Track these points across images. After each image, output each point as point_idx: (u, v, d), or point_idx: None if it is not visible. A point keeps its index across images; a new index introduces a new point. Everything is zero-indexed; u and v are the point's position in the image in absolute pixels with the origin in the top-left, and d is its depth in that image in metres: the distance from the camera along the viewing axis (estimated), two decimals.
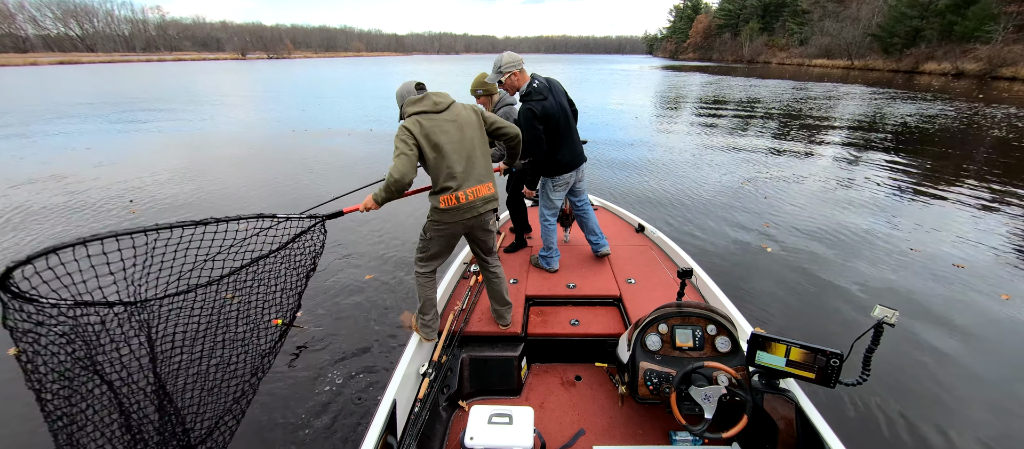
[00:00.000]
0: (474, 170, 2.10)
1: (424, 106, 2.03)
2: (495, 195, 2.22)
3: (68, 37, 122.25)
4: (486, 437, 1.77)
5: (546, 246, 3.12)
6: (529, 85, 2.71)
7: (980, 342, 3.26)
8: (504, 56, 2.72)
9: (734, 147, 10.15)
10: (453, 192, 2.05)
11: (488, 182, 2.17)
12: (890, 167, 8.32)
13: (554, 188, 2.97)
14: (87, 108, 17.37)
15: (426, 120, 2.01)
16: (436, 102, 2.05)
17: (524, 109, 2.68)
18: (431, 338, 2.35)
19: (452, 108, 2.09)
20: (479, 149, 2.14)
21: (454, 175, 2.04)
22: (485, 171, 2.16)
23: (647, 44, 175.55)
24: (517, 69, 2.71)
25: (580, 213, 3.26)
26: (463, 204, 2.08)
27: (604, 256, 3.29)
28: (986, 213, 5.84)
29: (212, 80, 35.60)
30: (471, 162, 2.09)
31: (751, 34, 79.59)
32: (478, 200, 2.12)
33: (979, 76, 33.50)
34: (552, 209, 3.06)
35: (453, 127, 2.05)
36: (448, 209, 2.07)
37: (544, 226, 3.09)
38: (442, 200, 2.06)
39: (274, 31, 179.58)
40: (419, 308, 2.34)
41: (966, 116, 14.69)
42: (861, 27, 52.07)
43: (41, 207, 6.16)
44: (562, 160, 2.85)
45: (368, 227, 5.41)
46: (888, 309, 1.59)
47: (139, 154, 9.61)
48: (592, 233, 3.25)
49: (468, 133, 2.10)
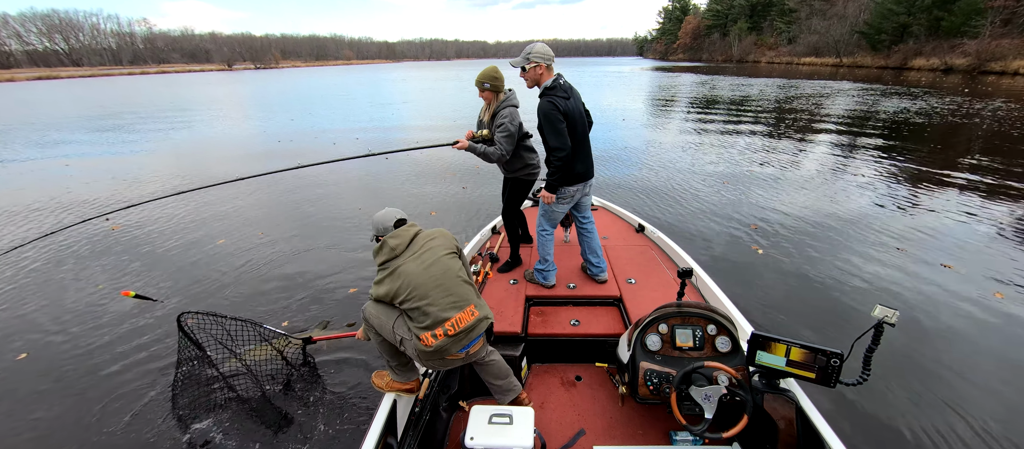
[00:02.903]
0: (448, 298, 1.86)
1: (383, 255, 1.88)
2: (484, 316, 1.94)
3: (53, 52, 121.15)
4: (486, 437, 1.76)
5: (543, 259, 2.94)
6: (554, 81, 2.56)
7: (976, 342, 3.27)
8: (537, 45, 2.55)
9: (723, 146, 10.22)
10: (429, 330, 1.82)
11: (468, 306, 1.89)
12: (879, 164, 8.40)
13: (559, 200, 2.75)
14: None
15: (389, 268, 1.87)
16: (393, 247, 1.87)
17: (546, 102, 2.50)
18: (411, 380, 2.09)
19: (415, 241, 1.91)
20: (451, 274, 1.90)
21: (426, 312, 1.81)
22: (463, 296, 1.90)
23: (637, 46, 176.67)
24: (546, 63, 2.54)
25: (583, 231, 3.01)
26: (445, 340, 1.83)
27: (602, 283, 3.04)
28: (975, 210, 5.89)
29: (172, 93, 35.07)
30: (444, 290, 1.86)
31: (740, 34, 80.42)
32: (462, 331, 1.85)
33: (968, 71, 33.76)
34: (553, 222, 2.88)
35: (415, 264, 1.85)
36: (432, 349, 1.83)
37: (542, 238, 2.90)
38: (423, 339, 1.83)
39: (264, 41, 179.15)
40: (385, 361, 2.08)
41: (953, 111, 14.88)
42: (848, 24, 52.76)
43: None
44: (574, 170, 2.66)
45: (365, 236, 5.39)
46: (888, 309, 1.59)
47: (115, 171, 9.51)
48: (594, 254, 3.00)
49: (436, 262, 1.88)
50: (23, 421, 2.74)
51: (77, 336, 3.57)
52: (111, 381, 3.04)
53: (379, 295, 1.89)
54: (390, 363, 2.06)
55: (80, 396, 2.92)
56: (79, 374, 3.13)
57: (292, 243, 5.30)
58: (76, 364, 3.23)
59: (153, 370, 3.12)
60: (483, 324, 1.93)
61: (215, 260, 4.88)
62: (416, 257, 1.87)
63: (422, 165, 8.86)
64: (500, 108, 2.83)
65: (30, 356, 3.36)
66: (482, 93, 2.86)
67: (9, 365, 3.26)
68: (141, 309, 3.88)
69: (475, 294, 1.97)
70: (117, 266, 4.79)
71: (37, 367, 3.23)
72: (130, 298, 2.39)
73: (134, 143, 12.60)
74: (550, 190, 2.65)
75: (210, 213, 6.38)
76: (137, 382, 3.02)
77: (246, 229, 5.75)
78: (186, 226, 5.90)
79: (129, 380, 3.04)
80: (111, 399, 2.88)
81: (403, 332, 1.90)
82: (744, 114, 15.53)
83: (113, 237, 5.57)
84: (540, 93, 2.58)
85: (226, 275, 4.52)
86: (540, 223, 2.91)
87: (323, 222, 5.99)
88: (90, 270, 4.72)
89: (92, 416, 2.75)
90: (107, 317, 3.81)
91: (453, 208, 6.39)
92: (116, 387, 2.98)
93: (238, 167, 9.36)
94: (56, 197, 7.29)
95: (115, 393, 2.93)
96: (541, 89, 2.58)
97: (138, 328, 3.63)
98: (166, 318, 3.74)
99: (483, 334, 1.97)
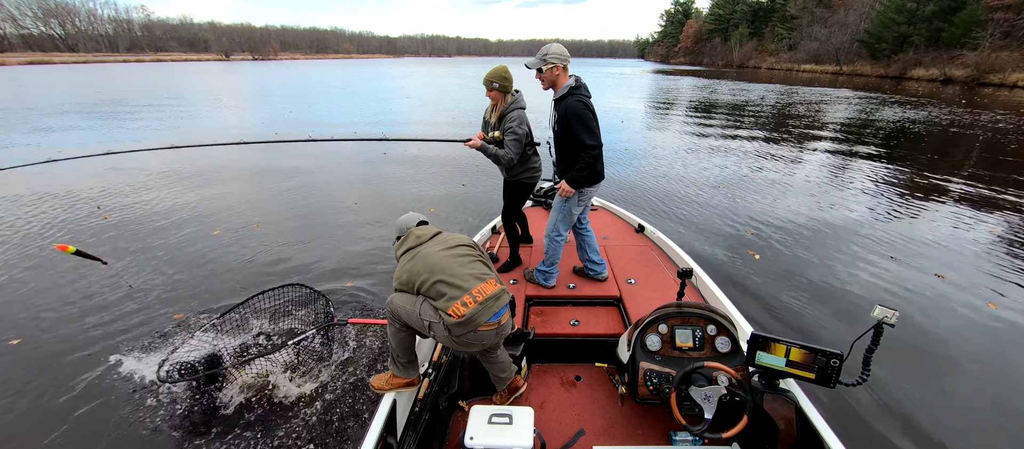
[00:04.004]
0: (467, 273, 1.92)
1: (408, 243, 2.02)
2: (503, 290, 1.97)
3: (49, 37, 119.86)
4: (486, 437, 1.76)
5: (550, 262, 2.90)
6: (577, 80, 2.55)
7: (975, 348, 3.31)
8: (554, 46, 2.52)
9: (724, 149, 10.25)
10: (456, 300, 1.83)
11: (490, 279, 1.94)
12: (876, 172, 8.45)
13: (580, 202, 2.74)
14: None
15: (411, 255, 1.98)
16: (418, 236, 2.02)
17: (577, 101, 2.48)
18: (413, 374, 2.10)
19: (438, 236, 2.05)
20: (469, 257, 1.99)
21: (450, 284, 1.86)
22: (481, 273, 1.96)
23: (639, 48, 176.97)
24: (563, 64, 2.52)
25: (582, 231, 3.02)
26: (475, 306, 1.84)
27: (603, 281, 3.06)
28: (968, 221, 5.93)
29: (168, 85, 34.85)
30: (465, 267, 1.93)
31: (741, 39, 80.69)
32: (489, 297, 1.87)
33: (967, 82, 33.95)
34: (569, 225, 2.83)
35: (437, 247, 1.97)
36: (463, 318, 1.82)
37: (554, 241, 2.84)
38: (452, 311, 1.83)
39: (263, 32, 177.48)
40: (392, 356, 2.08)
41: (951, 122, 15.00)
42: (849, 33, 53.00)
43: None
44: (597, 170, 2.65)
45: (368, 241, 5.36)
46: (888, 310, 1.60)
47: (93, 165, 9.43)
48: (594, 253, 3.01)
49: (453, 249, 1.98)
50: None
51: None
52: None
53: (402, 282, 1.96)
54: (398, 360, 2.05)
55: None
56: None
57: (287, 236, 5.29)
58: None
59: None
60: (506, 297, 1.96)
61: (209, 251, 4.86)
62: (436, 245, 1.98)
63: (422, 163, 8.85)
64: (508, 110, 2.79)
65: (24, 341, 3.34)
66: (489, 92, 2.80)
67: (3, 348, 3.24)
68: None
69: (495, 273, 2.02)
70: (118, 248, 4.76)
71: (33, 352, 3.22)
72: (69, 253, 2.27)
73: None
74: (574, 186, 2.63)
75: (204, 203, 6.35)
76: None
77: (242, 220, 5.73)
78: (184, 219, 5.87)
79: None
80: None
81: (430, 315, 1.88)
82: (743, 119, 15.58)
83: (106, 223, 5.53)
84: (566, 93, 2.55)
85: (217, 265, 4.52)
86: (555, 227, 2.84)
87: (320, 216, 5.98)
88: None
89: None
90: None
91: (452, 206, 6.37)
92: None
93: (239, 166, 9.31)
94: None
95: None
96: (566, 90, 2.55)
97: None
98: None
99: (508, 306, 1.99)
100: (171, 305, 3.79)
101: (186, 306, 3.77)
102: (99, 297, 3.90)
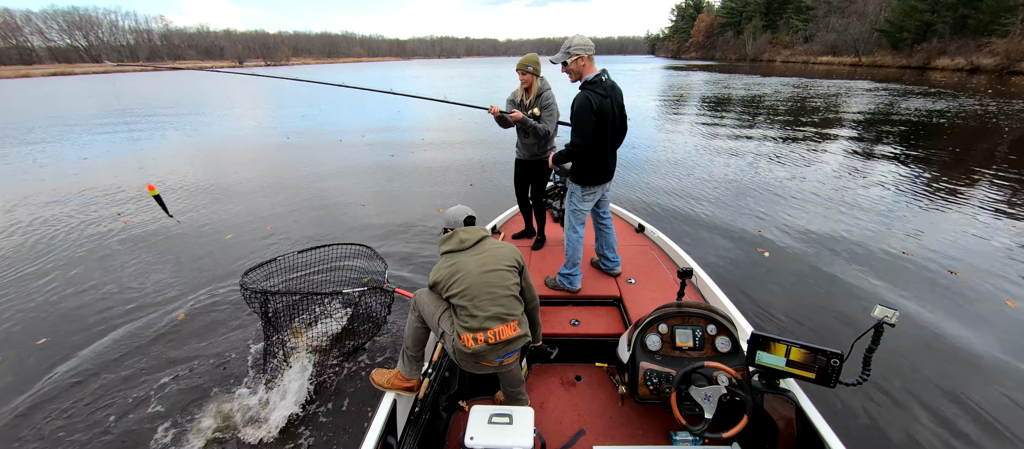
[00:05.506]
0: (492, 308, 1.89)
1: (451, 244, 2.01)
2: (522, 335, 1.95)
3: (74, 48, 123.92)
4: (486, 437, 1.77)
5: (571, 263, 2.87)
6: (597, 76, 2.51)
7: (981, 344, 3.21)
8: (576, 37, 2.50)
9: (733, 147, 10.09)
10: (471, 332, 1.87)
11: (512, 322, 1.92)
12: (894, 166, 8.23)
13: (584, 198, 2.79)
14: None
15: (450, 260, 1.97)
16: (462, 240, 2.00)
17: (582, 96, 2.47)
18: (416, 375, 2.12)
19: (482, 243, 2.01)
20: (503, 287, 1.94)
21: (472, 314, 1.87)
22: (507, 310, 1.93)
23: (649, 44, 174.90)
24: (587, 54, 2.50)
25: (602, 227, 3.07)
26: (484, 346, 1.86)
27: (616, 277, 3.11)
28: (988, 216, 5.73)
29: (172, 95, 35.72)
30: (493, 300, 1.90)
31: (754, 32, 79.05)
32: (502, 342, 1.88)
33: (996, 71, 32.39)
34: (581, 221, 2.85)
35: (475, 263, 1.94)
36: (470, 351, 1.88)
37: (572, 240, 2.84)
38: (463, 339, 1.88)
39: (277, 39, 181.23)
40: (404, 345, 2.12)
41: (976, 114, 14.47)
42: (868, 22, 51.52)
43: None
44: (594, 171, 2.69)
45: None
46: (888, 309, 1.58)
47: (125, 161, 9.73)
48: (610, 249, 3.08)
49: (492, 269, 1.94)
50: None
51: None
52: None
53: (434, 280, 1.98)
54: (407, 351, 2.10)
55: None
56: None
57: (296, 232, 5.43)
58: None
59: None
60: (521, 341, 1.96)
61: (223, 249, 5.00)
62: (478, 257, 1.96)
63: (430, 162, 8.95)
64: (544, 90, 3.15)
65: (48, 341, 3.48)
66: (523, 76, 3.11)
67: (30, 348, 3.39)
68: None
69: (521, 312, 2.00)
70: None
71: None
72: (152, 194, 2.82)
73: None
74: (556, 163, 2.79)
75: (217, 203, 6.52)
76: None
77: (256, 224, 5.87)
78: (202, 221, 6.04)
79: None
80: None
81: (446, 326, 1.96)
82: (757, 114, 15.30)
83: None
84: (581, 85, 2.56)
85: (229, 264, 4.63)
86: (570, 223, 2.86)
87: (329, 212, 6.10)
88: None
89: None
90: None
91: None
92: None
93: (247, 169, 9.50)
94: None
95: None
96: (582, 81, 2.55)
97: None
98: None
99: (519, 349, 2.00)
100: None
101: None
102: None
